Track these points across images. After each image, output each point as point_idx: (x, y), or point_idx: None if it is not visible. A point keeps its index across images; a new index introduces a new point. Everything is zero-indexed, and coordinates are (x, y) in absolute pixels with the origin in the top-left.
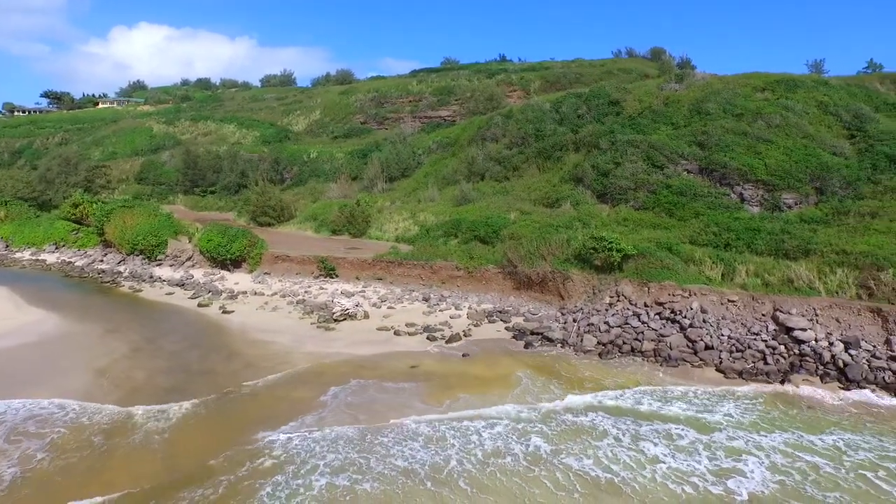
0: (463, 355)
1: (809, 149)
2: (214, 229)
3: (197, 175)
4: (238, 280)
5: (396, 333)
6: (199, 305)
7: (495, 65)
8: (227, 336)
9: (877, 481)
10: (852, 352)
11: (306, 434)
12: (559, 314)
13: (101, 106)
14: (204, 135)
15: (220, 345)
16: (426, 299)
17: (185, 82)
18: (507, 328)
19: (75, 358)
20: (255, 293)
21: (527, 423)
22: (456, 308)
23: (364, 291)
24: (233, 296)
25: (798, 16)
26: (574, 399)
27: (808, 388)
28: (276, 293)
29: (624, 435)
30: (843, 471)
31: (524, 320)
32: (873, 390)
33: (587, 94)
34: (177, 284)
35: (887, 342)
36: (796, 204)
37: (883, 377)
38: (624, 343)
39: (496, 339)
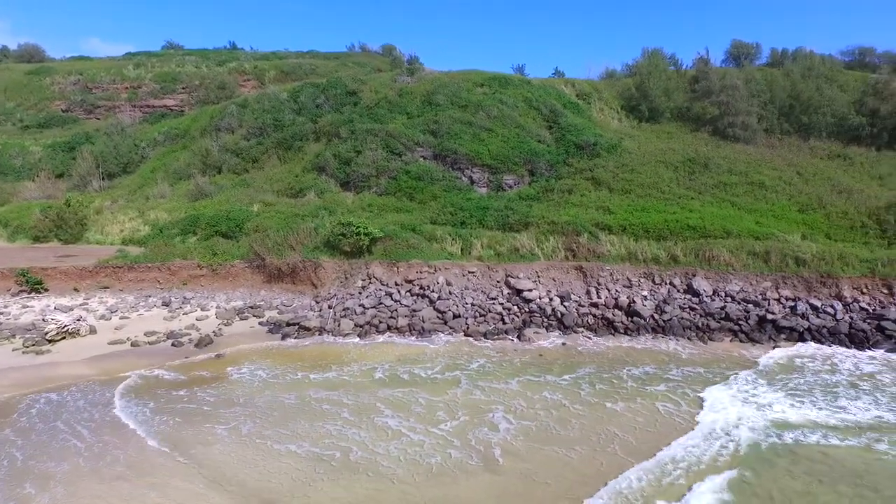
0: (216, 356)
1: (521, 137)
2: None
3: None
4: None
5: (134, 345)
6: None
7: (226, 52)
8: None
9: (608, 404)
10: (566, 304)
11: None
12: (314, 302)
13: None
14: None
15: None
16: (166, 304)
17: None
18: (260, 323)
19: None
20: None
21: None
22: (202, 309)
23: (87, 303)
24: None
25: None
26: (317, 378)
27: (537, 338)
28: None
29: (375, 407)
30: (578, 404)
31: (278, 313)
32: (583, 332)
33: (325, 84)
34: None
35: (588, 293)
36: (515, 184)
37: (587, 321)
38: (380, 322)
39: (250, 335)
